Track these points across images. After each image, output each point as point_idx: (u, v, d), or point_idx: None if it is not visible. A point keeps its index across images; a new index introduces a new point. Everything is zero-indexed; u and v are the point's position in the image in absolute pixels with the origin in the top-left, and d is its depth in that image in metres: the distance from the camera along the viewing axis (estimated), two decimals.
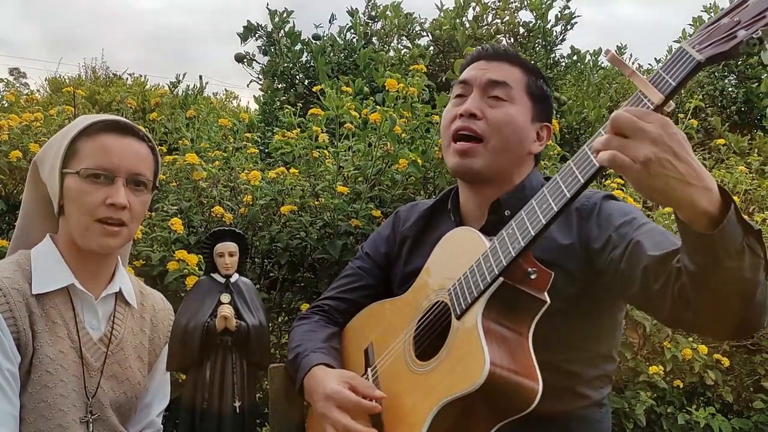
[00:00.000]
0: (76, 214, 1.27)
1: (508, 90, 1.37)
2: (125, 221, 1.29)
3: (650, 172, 0.88)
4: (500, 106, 1.36)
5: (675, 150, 0.88)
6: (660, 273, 1.06)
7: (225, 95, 14.46)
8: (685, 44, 0.94)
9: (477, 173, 1.37)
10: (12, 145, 2.54)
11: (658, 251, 1.09)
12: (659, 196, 0.92)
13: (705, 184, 0.90)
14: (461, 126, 1.36)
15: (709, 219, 0.91)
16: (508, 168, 1.38)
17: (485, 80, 1.38)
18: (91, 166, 1.26)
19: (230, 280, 1.41)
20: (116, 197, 1.26)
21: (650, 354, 2.57)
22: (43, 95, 10.92)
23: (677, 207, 0.92)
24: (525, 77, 1.40)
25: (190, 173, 2.52)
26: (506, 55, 1.43)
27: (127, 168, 1.29)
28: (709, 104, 6.46)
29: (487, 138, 1.35)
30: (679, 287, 1.01)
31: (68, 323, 1.29)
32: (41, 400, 1.24)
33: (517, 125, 1.36)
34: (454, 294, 1.19)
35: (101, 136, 1.29)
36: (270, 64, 6.37)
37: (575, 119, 5.94)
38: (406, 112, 2.62)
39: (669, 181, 0.89)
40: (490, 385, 1.04)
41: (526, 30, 6.62)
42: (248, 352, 1.37)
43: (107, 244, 1.29)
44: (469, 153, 1.36)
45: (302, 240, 2.42)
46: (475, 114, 1.36)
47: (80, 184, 1.26)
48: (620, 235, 1.20)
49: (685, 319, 1.04)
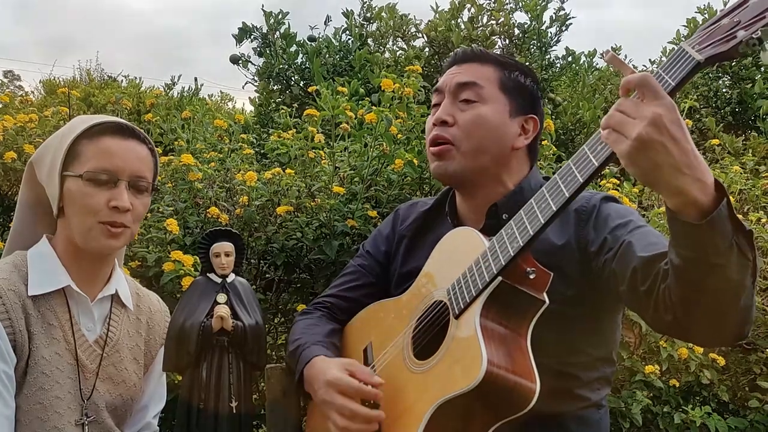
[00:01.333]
0: (79, 217, 1.27)
1: (478, 90, 1.36)
2: (127, 223, 1.29)
3: (640, 151, 0.88)
4: (471, 108, 1.36)
5: (673, 134, 0.88)
6: (648, 274, 1.05)
7: (220, 97, 14.43)
8: (684, 44, 0.94)
9: (453, 176, 1.37)
10: (6, 146, 2.53)
11: (647, 252, 1.08)
12: (646, 178, 0.91)
13: (698, 175, 0.89)
14: (435, 135, 1.37)
15: (698, 210, 0.90)
16: (490, 168, 1.36)
17: (454, 84, 1.38)
18: (94, 169, 1.26)
19: (227, 280, 1.41)
20: (120, 200, 1.26)
21: (646, 353, 2.58)
22: (37, 97, 10.88)
23: (666, 194, 0.92)
24: (498, 73, 1.39)
25: (186, 174, 2.51)
26: (475, 55, 1.41)
27: (130, 170, 1.29)
28: (703, 105, 6.48)
29: (458, 142, 1.35)
30: (663, 289, 1.00)
31: (64, 325, 1.29)
32: (37, 401, 1.23)
33: (491, 124, 1.35)
34: (453, 293, 1.19)
35: (103, 138, 1.29)
36: (265, 66, 6.36)
37: (570, 120, 5.94)
38: (402, 112, 2.62)
39: (659, 163, 0.88)
40: (487, 384, 1.04)
41: (521, 31, 6.63)
42: (245, 352, 1.37)
43: (110, 246, 1.29)
44: (443, 156, 1.36)
45: (298, 240, 2.42)
46: (446, 121, 1.36)
47: (83, 187, 1.26)
48: (614, 237, 1.20)
49: (666, 322, 1.03)
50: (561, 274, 1.20)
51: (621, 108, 0.92)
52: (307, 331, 1.44)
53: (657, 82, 0.91)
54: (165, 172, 2.61)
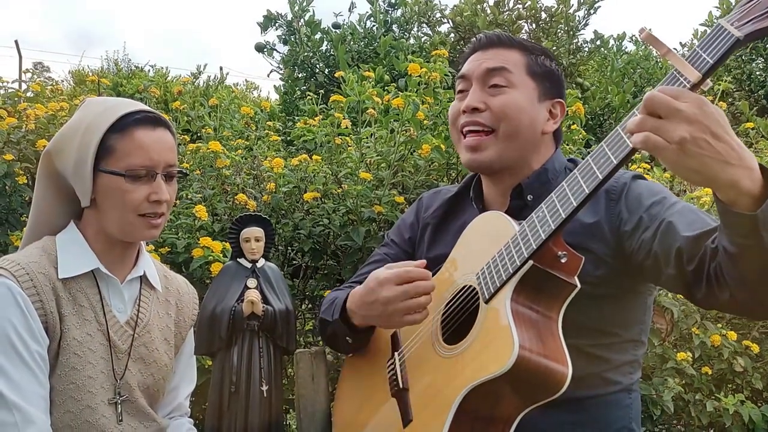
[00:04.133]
0: (118, 211, 1.29)
1: (507, 75, 1.34)
2: (165, 211, 1.32)
3: (686, 153, 0.86)
4: (501, 93, 1.34)
5: (712, 129, 0.86)
6: (694, 254, 1.04)
7: (245, 86, 14.49)
8: (723, 21, 0.92)
9: (490, 165, 1.35)
10: (38, 134, 2.57)
11: (691, 231, 1.07)
12: (697, 177, 0.89)
13: (746, 164, 0.88)
14: (467, 121, 1.35)
15: (751, 198, 0.88)
16: (522, 154, 1.35)
17: (482, 70, 1.36)
18: (135, 167, 1.28)
19: (256, 265, 1.42)
20: (160, 193, 1.29)
21: (678, 340, 2.54)
22: (66, 88, 11.03)
23: (717, 187, 0.90)
24: (524, 58, 1.37)
25: (214, 161, 2.53)
26: (500, 40, 1.39)
27: (164, 162, 1.31)
28: (737, 88, 6.34)
29: (495, 127, 1.33)
30: (714, 268, 0.99)
31: (95, 306, 1.31)
32: (70, 382, 1.26)
33: (523, 108, 1.33)
34: (483, 278, 1.18)
35: (135, 132, 1.29)
36: (290, 54, 6.38)
37: (599, 105, 5.86)
38: (429, 97, 2.60)
39: (706, 161, 0.86)
40: (518, 369, 1.03)
41: (548, 15, 6.54)
42: (275, 336, 1.38)
43: (152, 235, 1.32)
44: (480, 147, 1.34)
45: (325, 227, 2.42)
46: (477, 108, 1.34)
47: (122, 184, 1.28)
48: (651, 216, 1.18)
49: (723, 300, 1.02)
50: (591, 254, 1.19)
51: (651, 110, 0.89)
52: (339, 294, 1.45)
53: (671, 87, 0.89)
54: (193, 160, 2.63)
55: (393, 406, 1.26)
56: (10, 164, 2.35)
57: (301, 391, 1.46)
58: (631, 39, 7.83)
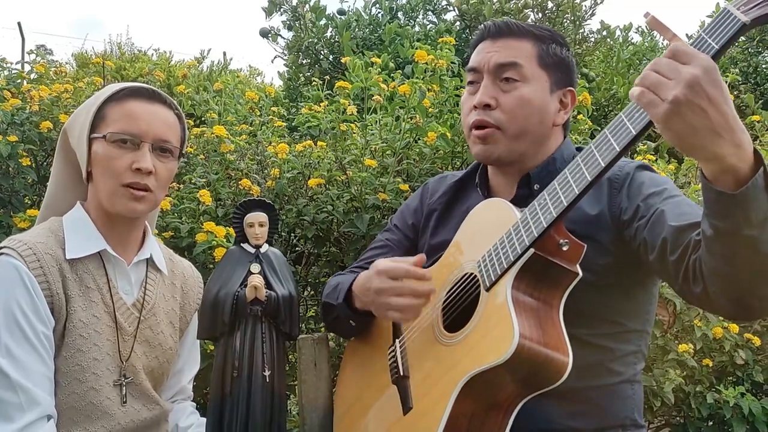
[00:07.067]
0: (104, 179, 1.29)
1: (519, 69, 1.32)
2: (151, 187, 1.30)
3: (678, 114, 0.85)
4: (514, 89, 1.32)
5: (711, 96, 0.85)
6: (678, 244, 1.03)
7: (249, 71, 14.43)
8: (729, 5, 0.91)
9: (498, 158, 1.34)
10: (42, 116, 2.56)
11: (678, 222, 1.06)
12: (682, 143, 0.88)
13: (736, 139, 0.86)
14: (477, 120, 1.33)
15: (734, 179, 0.87)
16: (532, 147, 1.34)
17: (493, 65, 1.33)
18: (118, 131, 1.28)
19: (260, 250, 1.42)
20: (142, 162, 1.27)
21: (680, 332, 2.54)
22: (70, 71, 11.00)
23: (703, 158, 0.89)
24: (535, 48, 1.34)
25: (218, 146, 2.53)
26: (510, 29, 1.36)
27: (154, 134, 1.30)
28: (743, 81, 6.30)
29: (503, 126, 1.32)
30: (694, 260, 0.98)
31: (102, 288, 1.31)
32: (75, 363, 1.26)
33: (535, 105, 1.32)
34: (484, 265, 1.18)
35: (128, 101, 1.30)
36: (295, 40, 6.35)
37: (604, 96, 5.83)
38: (435, 85, 2.59)
39: (697, 127, 0.85)
40: (518, 357, 1.03)
41: (555, 4, 6.50)
42: (278, 322, 1.38)
43: (134, 209, 1.30)
44: (489, 139, 1.33)
45: (329, 214, 2.42)
46: (489, 104, 1.32)
47: (107, 149, 1.28)
48: (647, 205, 1.18)
49: (695, 294, 1.01)
50: (593, 242, 1.18)
51: (656, 68, 0.88)
52: (343, 279, 1.45)
53: (688, 45, 0.88)
54: (197, 144, 2.63)
55: (393, 394, 1.26)
56: (14, 146, 2.35)
57: (303, 377, 1.47)
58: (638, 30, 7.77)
